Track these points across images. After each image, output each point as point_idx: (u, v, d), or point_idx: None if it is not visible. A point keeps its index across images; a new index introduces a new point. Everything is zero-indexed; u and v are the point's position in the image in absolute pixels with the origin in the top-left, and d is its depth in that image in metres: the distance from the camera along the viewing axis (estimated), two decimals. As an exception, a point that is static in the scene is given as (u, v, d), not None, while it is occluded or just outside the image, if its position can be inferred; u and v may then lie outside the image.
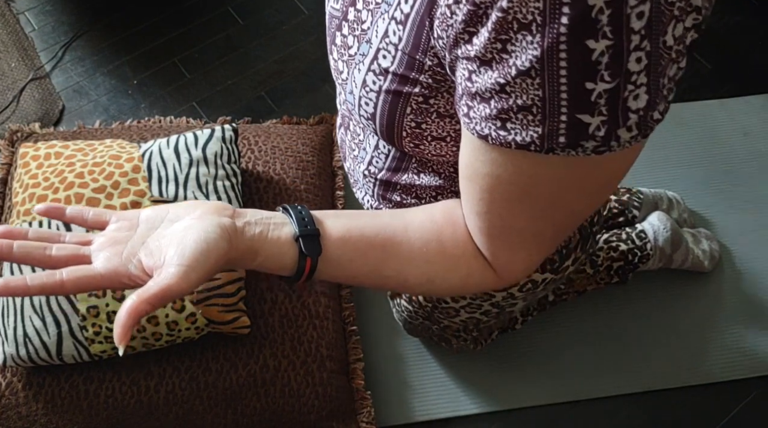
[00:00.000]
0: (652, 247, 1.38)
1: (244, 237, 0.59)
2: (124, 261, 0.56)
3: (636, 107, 0.49)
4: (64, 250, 0.57)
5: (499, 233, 0.62)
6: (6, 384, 1.16)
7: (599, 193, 0.58)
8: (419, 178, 0.77)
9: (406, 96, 0.63)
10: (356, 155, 0.84)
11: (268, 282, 1.25)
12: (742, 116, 1.71)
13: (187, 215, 0.59)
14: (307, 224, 0.62)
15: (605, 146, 0.51)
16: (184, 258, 0.54)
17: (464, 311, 1.00)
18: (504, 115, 0.51)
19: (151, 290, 0.52)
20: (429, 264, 0.65)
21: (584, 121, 0.49)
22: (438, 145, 0.68)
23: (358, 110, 0.69)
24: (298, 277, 0.62)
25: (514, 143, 0.52)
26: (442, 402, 1.34)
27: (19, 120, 1.65)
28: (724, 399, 1.36)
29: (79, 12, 1.86)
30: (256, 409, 1.19)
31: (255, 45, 1.81)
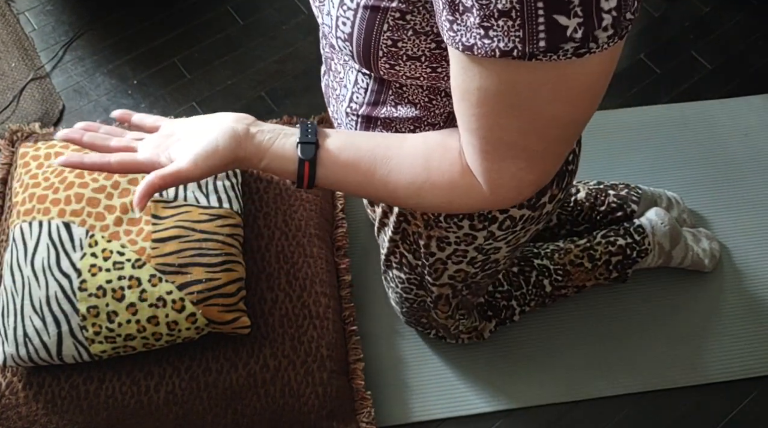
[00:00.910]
0: (650, 242, 1.38)
1: (253, 141, 0.71)
2: (159, 152, 0.71)
3: (608, 8, 0.52)
4: (121, 142, 0.73)
5: (490, 148, 0.65)
6: (6, 384, 1.16)
7: (584, 100, 0.60)
8: (397, 110, 0.80)
9: (384, 11, 0.64)
10: (338, 95, 0.86)
11: (269, 282, 1.25)
12: (742, 116, 1.71)
13: (214, 119, 0.72)
14: (309, 134, 0.71)
15: (584, 48, 0.53)
16: (197, 148, 0.68)
17: (451, 261, 1.02)
18: (486, 22, 0.53)
19: (166, 170, 0.67)
20: (415, 178, 0.72)
21: (561, 23, 0.51)
22: (413, 65, 0.69)
23: (335, 32, 0.71)
24: (300, 181, 0.72)
25: (498, 50, 0.54)
26: (441, 402, 1.34)
27: (19, 120, 1.65)
28: (724, 399, 1.36)
29: (79, 12, 1.86)
30: (256, 409, 1.19)
31: (255, 45, 1.81)
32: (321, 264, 1.31)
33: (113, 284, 1.10)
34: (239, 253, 1.19)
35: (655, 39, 1.83)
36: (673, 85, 1.76)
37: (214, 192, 1.21)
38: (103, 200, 1.17)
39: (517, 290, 1.34)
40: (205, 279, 1.12)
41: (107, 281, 1.10)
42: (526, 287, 1.34)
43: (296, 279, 1.27)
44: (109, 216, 1.15)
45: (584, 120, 0.64)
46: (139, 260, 1.12)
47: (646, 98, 1.74)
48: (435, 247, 1.00)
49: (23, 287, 1.11)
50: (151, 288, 1.11)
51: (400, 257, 1.10)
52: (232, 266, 1.16)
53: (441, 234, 0.97)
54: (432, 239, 0.99)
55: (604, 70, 0.58)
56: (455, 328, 1.29)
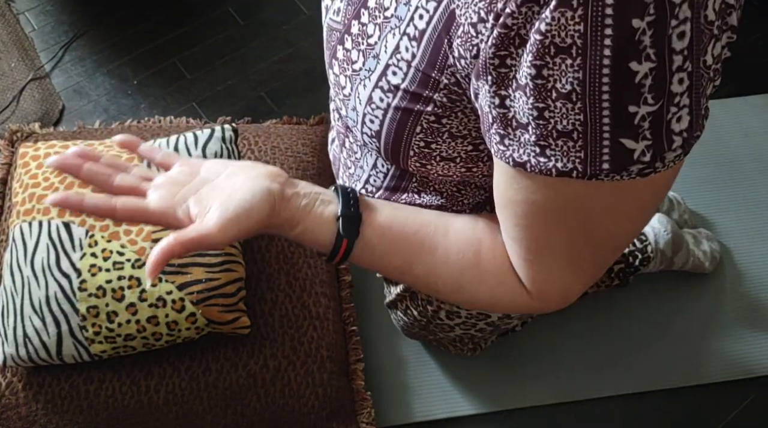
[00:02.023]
0: (652, 249, 1.38)
1: (289, 206, 0.61)
2: (175, 203, 0.59)
3: (680, 130, 0.48)
4: (127, 181, 0.61)
5: (535, 258, 0.61)
6: (6, 384, 1.15)
7: (642, 214, 0.57)
8: (420, 197, 0.75)
9: (417, 114, 0.60)
10: (352, 173, 0.81)
11: (269, 283, 1.25)
12: (742, 116, 1.71)
13: (244, 173, 0.61)
14: (352, 207, 0.63)
15: (650, 169, 0.49)
16: (227, 213, 0.57)
17: (459, 327, 0.99)
18: (543, 141, 0.50)
19: (189, 235, 0.56)
20: (462, 272, 0.65)
21: (628, 146, 0.48)
22: (446, 165, 0.65)
23: (361, 128, 0.66)
24: (333, 256, 0.64)
25: (555, 169, 0.50)
26: (441, 403, 1.34)
27: (19, 120, 1.65)
28: (724, 399, 1.36)
29: (79, 12, 1.86)
30: (256, 409, 1.19)
31: (255, 45, 1.81)
32: (321, 265, 1.31)
33: (113, 284, 1.10)
34: (239, 253, 1.19)
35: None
36: (674, 85, 1.76)
37: (214, 192, 1.21)
38: (103, 200, 1.17)
39: None
40: (205, 279, 1.12)
41: (107, 281, 1.10)
42: None
43: (296, 280, 1.27)
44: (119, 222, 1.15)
45: (638, 231, 0.60)
46: (139, 260, 1.12)
47: (646, 99, 1.74)
48: (444, 315, 0.97)
49: (23, 287, 1.11)
50: (151, 288, 1.11)
51: (406, 308, 1.07)
52: (232, 266, 1.16)
53: (452, 309, 0.93)
54: (441, 310, 0.95)
55: (666, 186, 0.54)
56: (456, 351, 1.30)
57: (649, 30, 0.43)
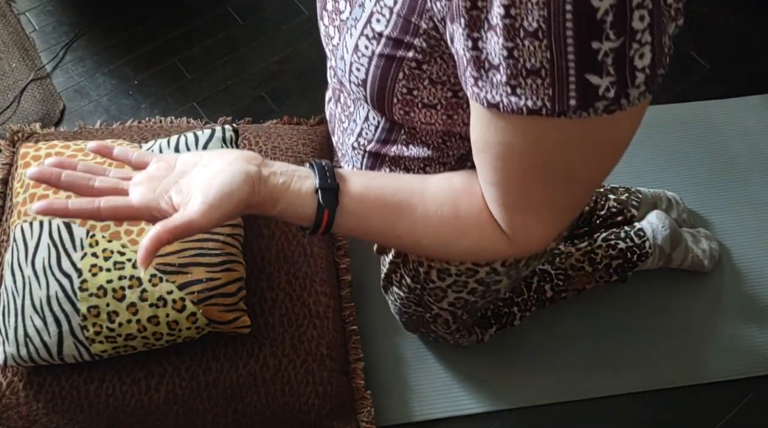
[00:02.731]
0: (650, 245, 1.38)
1: (267, 184, 0.63)
2: (156, 196, 0.61)
3: (642, 66, 0.50)
4: (106, 182, 0.63)
5: (513, 202, 0.63)
6: (7, 384, 1.16)
7: (610, 154, 0.59)
8: (408, 149, 0.77)
9: (399, 60, 0.63)
10: (345, 127, 0.84)
11: (269, 282, 1.25)
12: (742, 116, 1.72)
13: (220, 160, 0.63)
14: (328, 178, 0.65)
15: (616, 105, 0.51)
16: (208, 197, 0.59)
17: (451, 290, 1.01)
18: (514, 80, 0.52)
19: (175, 221, 0.58)
20: (443, 227, 0.67)
21: (593, 82, 0.50)
22: (428, 112, 0.68)
23: (348, 77, 0.68)
24: (316, 228, 0.66)
25: (526, 108, 0.52)
26: (441, 402, 1.34)
27: (20, 120, 1.65)
28: (724, 398, 1.36)
29: (80, 12, 1.86)
30: (257, 408, 1.19)
31: (255, 45, 1.82)
32: (321, 264, 1.31)
33: (114, 284, 1.10)
34: (239, 253, 1.20)
35: (654, 39, 1.83)
36: (673, 85, 1.76)
37: (214, 192, 1.21)
38: (104, 200, 1.17)
39: (519, 297, 1.34)
40: (206, 279, 1.13)
41: (108, 281, 1.11)
42: (528, 293, 1.34)
43: (296, 279, 1.27)
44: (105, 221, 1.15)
45: (608, 172, 0.62)
46: (140, 260, 1.12)
47: (645, 98, 1.74)
48: (435, 276, 0.99)
49: (24, 287, 1.12)
50: (152, 288, 1.11)
51: (401, 278, 1.09)
52: (232, 265, 1.16)
53: (442, 266, 0.95)
54: (433, 269, 0.97)
55: (632, 125, 0.56)
56: (455, 341, 1.30)
57: None
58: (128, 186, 0.63)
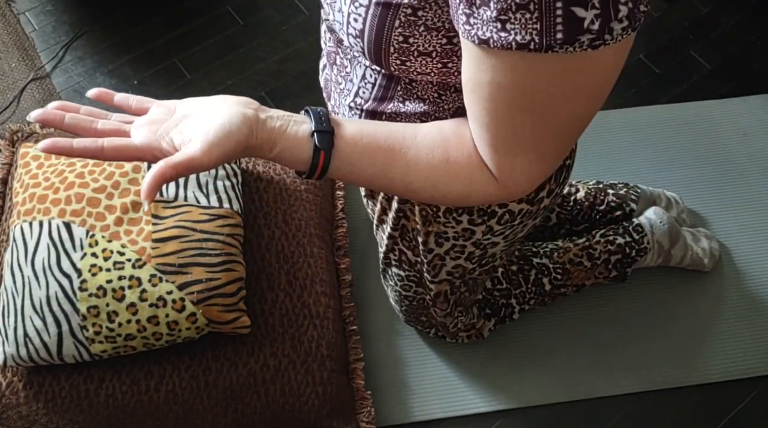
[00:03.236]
0: (649, 241, 1.39)
1: (264, 127, 0.65)
2: (158, 137, 0.63)
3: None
4: (109, 125, 0.65)
5: (501, 142, 0.65)
6: (7, 384, 1.16)
7: (595, 92, 0.61)
8: (404, 105, 0.79)
9: (396, 8, 0.64)
10: (342, 88, 0.86)
11: (269, 282, 1.25)
12: (742, 116, 1.72)
13: (218, 104, 0.66)
14: (323, 122, 0.67)
15: (600, 40, 0.54)
16: (208, 136, 0.62)
17: (449, 257, 1.02)
18: (503, 15, 0.54)
19: (177, 158, 0.60)
20: (433, 170, 0.69)
21: (579, 15, 0.52)
22: (424, 61, 0.69)
23: (346, 29, 0.70)
24: (312, 172, 0.68)
25: (515, 43, 0.54)
26: (441, 402, 1.34)
27: (19, 120, 1.65)
28: (724, 398, 1.36)
29: (80, 12, 1.86)
30: (257, 408, 1.19)
31: (255, 45, 1.82)
32: (321, 264, 1.31)
33: (113, 284, 1.10)
34: (239, 253, 1.20)
35: (654, 39, 1.83)
36: (673, 85, 1.76)
37: (214, 192, 1.21)
38: (104, 200, 1.17)
39: (516, 289, 1.34)
40: (206, 279, 1.12)
41: (107, 281, 1.10)
42: (526, 286, 1.35)
43: (296, 279, 1.27)
44: (110, 216, 1.16)
45: (593, 113, 0.64)
46: (140, 260, 1.12)
47: (645, 98, 1.74)
48: (433, 243, 1.00)
49: (24, 287, 1.12)
50: (152, 288, 1.11)
51: (399, 254, 1.10)
52: (232, 266, 1.16)
53: (439, 229, 0.97)
54: (430, 235, 0.99)
55: (617, 63, 0.58)
56: (454, 326, 1.30)
57: None
58: (130, 129, 0.65)
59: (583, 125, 0.65)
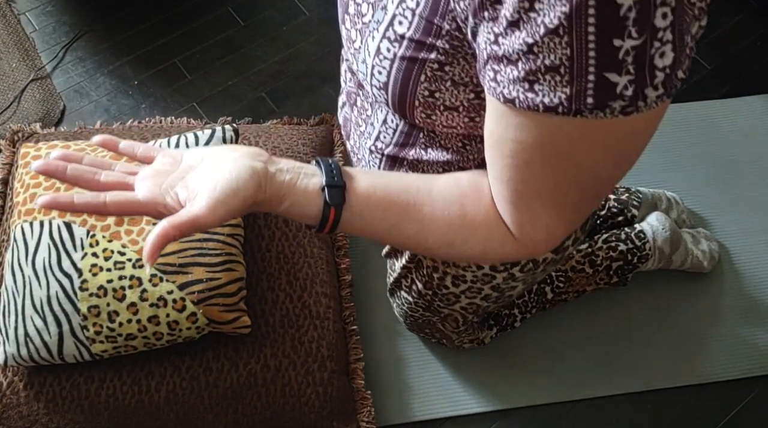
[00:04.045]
0: (650, 247, 1.38)
1: (273, 181, 0.62)
2: (163, 192, 0.60)
3: (663, 65, 0.49)
4: (112, 177, 0.62)
5: (522, 201, 0.62)
6: (7, 384, 1.16)
7: (624, 157, 0.58)
8: (427, 153, 0.77)
9: (422, 62, 0.62)
10: (363, 131, 0.83)
11: (269, 282, 1.25)
12: (742, 116, 1.72)
13: (226, 156, 0.62)
14: (335, 176, 0.64)
15: (632, 106, 0.51)
16: (215, 193, 0.58)
17: (464, 296, 1.00)
18: (532, 76, 0.51)
19: (182, 218, 0.57)
20: (449, 227, 0.66)
21: (612, 80, 0.49)
22: (450, 115, 0.67)
23: (370, 80, 0.68)
24: (322, 226, 0.65)
25: (542, 105, 0.52)
26: (442, 402, 1.34)
27: (20, 120, 1.65)
28: (724, 398, 1.36)
29: (80, 13, 1.86)
30: (257, 408, 1.19)
31: (255, 46, 1.82)
32: (321, 264, 1.31)
33: (114, 283, 1.10)
34: (240, 253, 1.20)
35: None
36: (673, 85, 1.76)
37: (214, 192, 1.21)
38: (104, 200, 1.17)
39: (519, 299, 1.34)
40: (206, 279, 1.13)
41: (108, 280, 1.11)
42: (528, 296, 1.34)
43: (297, 279, 1.27)
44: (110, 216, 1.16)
45: (622, 175, 0.61)
46: (140, 260, 1.12)
47: (645, 99, 1.74)
48: (450, 282, 0.98)
49: (24, 286, 1.12)
50: (152, 288, 1.11)
51: (411, 282, 1.08)
52: (232, 266, 1.16)
53: (458, 272, 0.94)
54: (447, 275, 0.96)
55: (649, 128, 0.55)
56: (459, 341, 1.30)
57: None
58: (134, 181, 0.62)
59: (609, 187, 0.62)
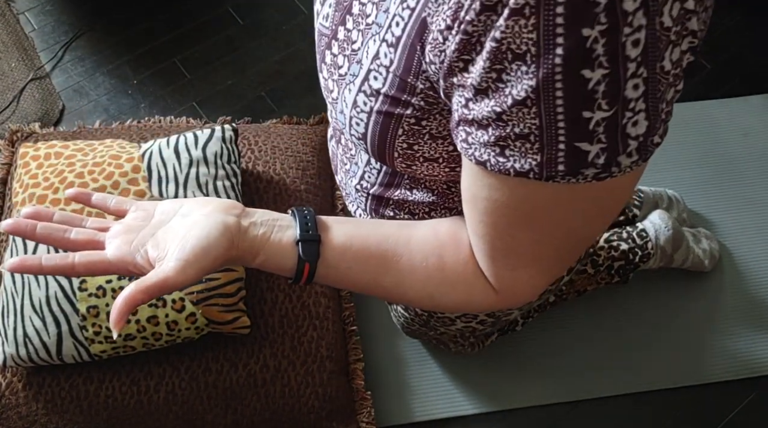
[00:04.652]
0: (653, 246, 1.38)
1: (246, 237, 0.61)
2: (132, 250, 0.59)
3: (636, 134, 0.49)
4: (82, 234, 0.61)
5: (500, 256, 0.61)
6: (6, 384, 1.16)
7: (601, 217, 0.57)
8: (412, 194, 0.76)
9: (398, 117, 0.62)
10: (348, 169, 0.83)
11: (269, 283, 1.25)
12: (742, 116, 1.71)
13: (198, 211, 0.61)
14: (309, 229, 0.63)
15: (606, 173, 0.50)
16: (184, 253, 0.57)
17: (460, 320, 0.99)
18: (502, 142, 0.51)
19: (149, 281, 0.56)
20: (429, 280, 0.65)
21: (583, 149, 0.49)
22: (430, 166, 0.67)
23: (349, 130, 0.68)
24: (297, 279, 0.64)
25: (513, 170, 0.52)
26: (441, 403, 1.34)
27: (19, 120, 1.65)
28: (724, 399, 1.36)
29: (79, 12, 1.86)
30: (256, 409, 1.19)
31: (255, 45, 1.81)
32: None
33: (113, 284, 1.10)
34: (239, 253, 1.19)
35: (655, 39, 1.83)
36: (673, 85, 1.76)
37: (214, 192, 1.21)
38: (103, 200, 1.17)
39: None
40: (205, 279, 1.12)
41: (107, 281, 1.10)
42: None
43: (296, 279, 1.27)
44: (109, 216, 1.15)
45: (600, 231, 0.60)
46: (139, 260, 1.12)
47: (646, 98, 1.74)
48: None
49: (23, 287, 1.12)
50: (151, 288, 1.11)
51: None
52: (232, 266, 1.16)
53: None
54: None
55: (624, 190, 0.54)
56: (456, 350, 1.30)
57: (601, 38, 0.44)
58: (105, 238, 0.61)
59: (588, 242, 0.62)
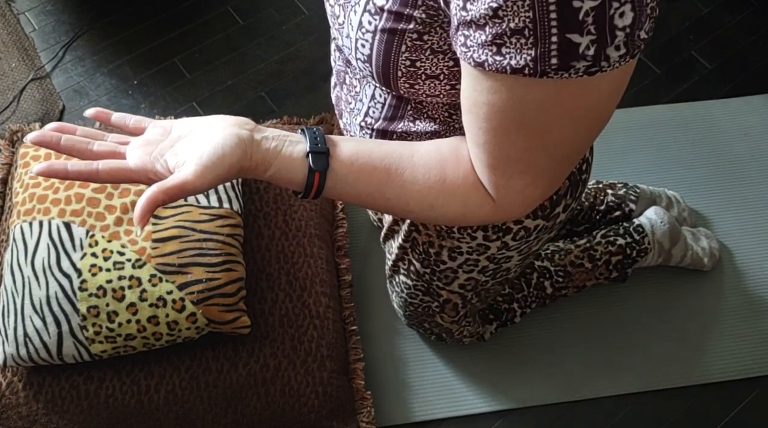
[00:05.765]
0: (649, 241, 1.38)
1: (259, 148, 0.65)
2: (153, 160, 0.63)
3: (623, 25, 0.52)
4: (104, 146, 0.65)
5: (497, 163, 0.65)
6: (6, 384, 1.16)
7: (592, 119, 0.60)
8: (415, 125, 0.79)
9: (401, 33, 0.65)
10: (353, 108, 0.86)
11: (269, 282, 1.25)
12: (742, 116, 1.71)
13: (214, 125, 0.66)
14: (319, 143, 0.67)
15: (596, 66, 0.53)
16: (202, 159, 0.61)
17: (462, 270, 1.01)
18: (499, 39, 0.54)
19: (170, 183, 0.60)
20: (429, 190, 0.69)
21: (574, 41, 0.52)
22: (432, 83, 0.70)
23: (354, 54, 0.71)
24: (307, 192, 0.68)
25: (509, 67, 0.55)
26: (442, 402, 1.34)
27: (19, 120, 1.65)
28: (724, 398, 1.36)
29: (80, 12, 1.86)
30: (257, 409, 1.19)
31: (255, 45, 1.81)
32: (321, 264, 1.31)
33: (113, 284, 1.10)
34: (239, 253, 1.19)
35: (654, 39, 1.83)
36: (673, 85, 1.76)
37: (214, 192, 1.21)
38: (104, 200, 1.17)
39: (519, 293, 1.34)
40: (206, 279, 1.12)
41: (107, 281, 1.10)
42: (528, 290, 1.34)
43: (296, 279, 1.27)
44: (110, 216, 1.15)
45: (591, 139, 0.64)
46: (140, 260, 1.12)
47: (646, 98, 1.74)
48: (446, 256, 0.99)
49: (23, 287, 1.12)
50: (152, 288, 1.11)
51: (408, 264, 1.09)
52: (232, 266, 1.16)
53: (453, 244, 0.96)
54: (444, 249, 0.98)
55: (615, 90, 0.58)
56: (459, 333, 1.29)
57: None
58: (126, 150, 0.65)
59: (579, 151, 0.65)
